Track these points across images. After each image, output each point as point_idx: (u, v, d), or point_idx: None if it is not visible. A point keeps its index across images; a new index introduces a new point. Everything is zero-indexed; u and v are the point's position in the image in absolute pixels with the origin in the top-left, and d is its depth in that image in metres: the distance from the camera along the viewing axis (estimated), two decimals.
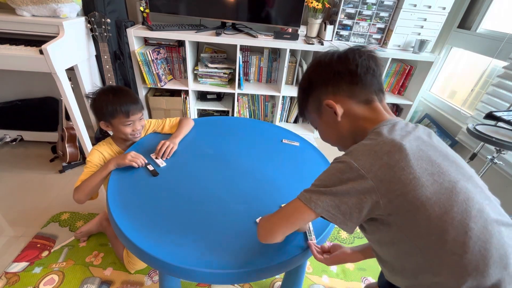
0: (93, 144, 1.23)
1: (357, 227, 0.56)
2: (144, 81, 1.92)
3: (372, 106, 0.59)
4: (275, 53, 2.12)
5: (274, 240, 0.59)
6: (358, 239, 1.45)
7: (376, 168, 0.47)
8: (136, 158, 0.95)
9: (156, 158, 1.01)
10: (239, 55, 1.90)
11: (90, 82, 1.71)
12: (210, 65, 1.98)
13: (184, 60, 1.99)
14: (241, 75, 2.02)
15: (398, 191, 0.46)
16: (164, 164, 0.99)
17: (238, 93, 2.06)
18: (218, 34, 1.81)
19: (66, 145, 1.69)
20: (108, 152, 1.08)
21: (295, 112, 2.36)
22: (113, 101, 1.00)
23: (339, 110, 0.58)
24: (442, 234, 0.46)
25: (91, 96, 1.05)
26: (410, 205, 0.46)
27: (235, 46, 1.86)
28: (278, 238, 0.59)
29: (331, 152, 2.39)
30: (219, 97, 2.26)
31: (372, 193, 0.48)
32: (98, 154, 1.05)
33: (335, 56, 0.59)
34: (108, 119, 1.02)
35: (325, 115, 0.61)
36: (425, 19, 1.90)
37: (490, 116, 1.27)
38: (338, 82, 0.58)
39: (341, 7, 1.91)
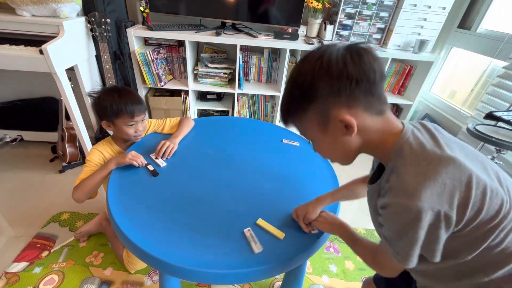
0: (93, 144, 1.21)
1: None
2: (144, 81, 1.92)
3: (385, 116, 0.52)
4: (275, 53, 2.12)
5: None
6: None
7: (449, 200, 0.43)
8: (136, 157, 0.95)
9: (157, 158, 1.01)
10: (239, 55, 1.90)
11: (90, 82, 1.71)
12: (210, 65, 1.98)
13: (184, 60, 1.99)
14: (241, 75, 2.02)
15: (475, 208, 0.44)
16: (165, 164, 0.99)
17: (238, 93, 2.06)
18: (218, 34, 1.81)
19: (66, 145, 1.69)
20: (108, 151, 1.08)
21: None
22: (118, 101, 1.00)
23: (355, 127, 0.49)
24: (497, 233, 0.46)
25: (94, 95, 1.05)
26: (479, 212, 0.45)
27: (235, 46, 1.86)
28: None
29: None
30: (219, 97, 2.26)
31: (451, 221, 0.45)
32: (98, 154, 1.05)
33: (348, 59, 0.47)
34: (111, 119, 1.02)
35: (332, 130, 0.52)
36: (425, 19, 1.90)
37: (490, 116, 1.27)
38: (354, 93, 0.47)
39: (341, 7, 1.91)
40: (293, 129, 1.19)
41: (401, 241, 0.49)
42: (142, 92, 1.99)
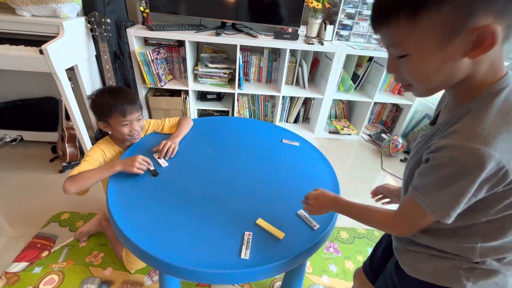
0: (93, 144, 1.20)
1: None
2: (144, 81, 1.92)
3: (502, 48, 0.42)
4: (275, 53, 2.12)
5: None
6: (357, 239, 1.45)
7: None
8: (143, 166, 0.92)
9: (159, 158, 1.01)
10: (239, 55, 1.90)
11: (90, 82, 1.71)
12: (210, 65, 1.98)
13: (184, 60, 1.99)
14: (241, 75, 2.02)
15: None
16: (166, 164, 0.99)
17: (238, 93, 2.06)
18: (218, 34, 1.81)
19: (66, 145, 1.69)
20: (110, 151, 1.08)
21: (295, 112, 2.36)
22: (108, 101, 0.99)
23: (492, 47, 0.38)
24: None
25: (91, 97, 1.05)
26: None
27: (235, 46, 1.86)
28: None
29: (331, 152, 2.37)
30: (219, 97, 2.26)
31: (504, 181, 0.41)
32: (99, 151, 1.04)
33: None
34: (105, 119, 1.02)
35: (455, 45, 0.39)
36: None
37: None
38: (508, 3, 0.36)
39: (341, 7, 1.91)
40: (293, 129, 1.18)
41: (447, 191, 0.43)
42: (142, 92, 1.99)
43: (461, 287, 0.52)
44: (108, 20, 1.56)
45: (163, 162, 0.99)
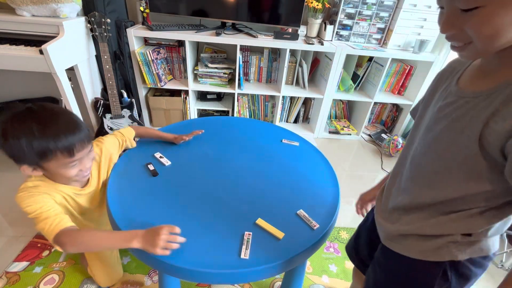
0: None
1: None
2: (144, 81, 1.92)
3: None
4: (275, 53, 2.12)
5: None
6: None
7: None
8: (171, 245, 0.67)
9: (161, 157, 1.01)
10: (239, 55, 1.90)
11: (90, 82, 1.71)
12: (210, 65, 1.98)
13: (184, 60, 1.99)
14: (241, 75, 2.02)
15: None
16: (169, 163, 0.99)
17: (238, 93, 2.06)
18: (218, 34, 1.81)
19: None
20: (59, 193, 0.79)
21: (295, 112, 2.36)
22: (41, 136, 0.65)
23: None
24: None
25: None
26: None
27: (235, 46, 1.86)
28: None
29: (331, 152, 2.37)
30: (219, 97, 2.27)
31: None
32: (47, 199, 0.75)
33: None
34: (35, 163, 0.69)
35: None
36: (425, 19, 1.90)
37: None
38: None
39: (341, 7, 1.91)
40: (293, 129, 1.17)
41: None
42: (142, 92, 2.00)
43: (453, 258, 0.53)
44: (108, 20, 1.56)
45: (165, 161, 0.99)
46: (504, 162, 0.42)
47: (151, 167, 0.96)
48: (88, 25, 1.56)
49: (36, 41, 1.39)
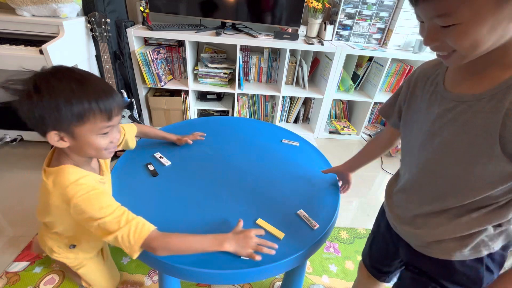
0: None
1: None
2: (144, 81, 1.92)
3: None
4: (275, 53, 2.12)
5: None
6: (357, 239, 1.45)
7: None
8: (263, 249, 0.69)
9: (161, 157, 1.01)
10: (239, 55, 1.90)
11: None
12: (210, 65, 1.98)
13: (184, 60, 1.99)
14: (241, 75, 2.02)
15: None
16: (169, 163, 0.99)
17: (238, 93, 2.06)
18: (218, 34, 1.81)
19: None
20: (94, 180, 0.72)
21: (295, 112, 2.36)
22: (81, 93, 0.60)
23: None
24: None
25: (17, 86, 0.61)
26: None
27: (235, 46, 1.86)
28: None
29: (331, 152, 2.36)
30: (219, 97, 2.27)
31: None
32: (102, 188, 0.70)
33: None
34: (68, 127, 0.62)
35: (510, 3, 0.38)
36: None
37: None
38: None
39: (341, 7, 1.91)
40: (293, 129, 1.17)
41: None
42: (142, 92, 2.00)
43: (490, 251, 0.55)
44: (108, 20, 1.56)
45: (165, 161, 0.99)
46: None
47: (151, 167, 0.96)
48: (88, 25, 1.56)
49: (36, 41, 1.39)
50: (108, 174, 0.86)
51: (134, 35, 1.76)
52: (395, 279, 0.78)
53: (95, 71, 1.75)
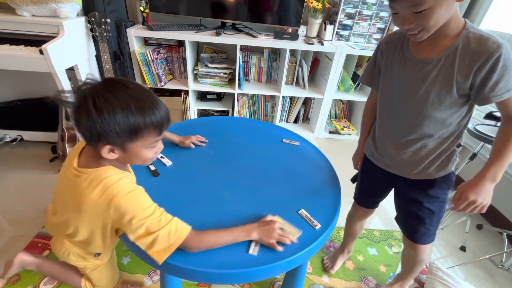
0: None
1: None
2: (144, 81, 1.92)
3: None
4: (275, 53, 2.12)
5: None
6: (358, 239, 1.45)
7: None
8: (284, 239, 0.72)
9: (162, 157, 1.01)
10: (239, 55, 1.90)
11: None
12: (210, 65, 1.98)
13: (184, 60, 1.99)
14: (241, 75, 2.02)
15: None
16: (170, 163, 0.99)
17: (238, 93, 2.06)
18: (218, 34, 1.81)
19: (66, 145, 1.69)
20: (132, 180, 0.74)
21: (295, 112, 2.37)
22: (137, 111, 0.61)
23: None
24: None
25: (69, 99, 0.62)
26: None
27: (235, 46, 1.86)
28: None
29: (331, 152, 2.36)
30: (219, 97, 2.27)
31: None
32: (141, 188, 0.70)
33: None
34: (122, 142, 0.63)
35: None
36: None
37: (490, 116, 1.27)
38: None
39: (341, 7, 1.91)
40: (293, 129, 1.17)
41: None
42: None
43: (456, 166, 0.79)
44: (108, 20, 1.56)
45: (167, 161, 0.99)
46: (468, 91, 0.69)
47: (152, 167, 0.96)
48: (88, 25, 1.56)
49: (36, 41, 1.38)
50: (133, 173, 0.86)
51: (134, 35, 1.76)
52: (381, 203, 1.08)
53: (95, 71, 1.75)
